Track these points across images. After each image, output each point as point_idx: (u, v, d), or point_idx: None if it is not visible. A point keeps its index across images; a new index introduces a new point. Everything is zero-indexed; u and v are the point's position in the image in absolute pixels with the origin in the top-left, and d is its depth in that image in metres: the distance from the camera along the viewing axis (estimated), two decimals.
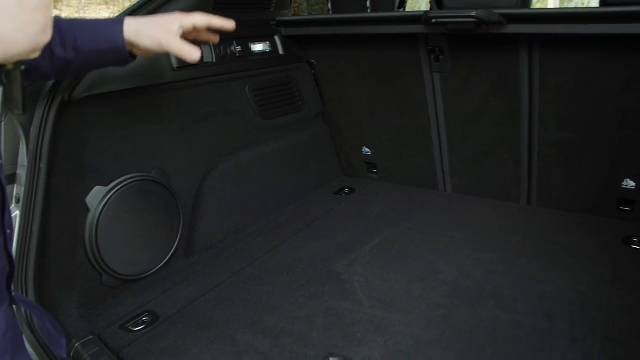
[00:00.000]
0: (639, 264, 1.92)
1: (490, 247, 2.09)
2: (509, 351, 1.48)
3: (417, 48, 2.32)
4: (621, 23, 1.80)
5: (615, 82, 1.99)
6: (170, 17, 1.34)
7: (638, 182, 2.14)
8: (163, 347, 1.58)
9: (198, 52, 1.28)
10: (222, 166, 2.20)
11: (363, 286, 1.86)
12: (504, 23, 1.94)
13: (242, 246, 2.19)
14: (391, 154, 2.77)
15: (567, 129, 2.19)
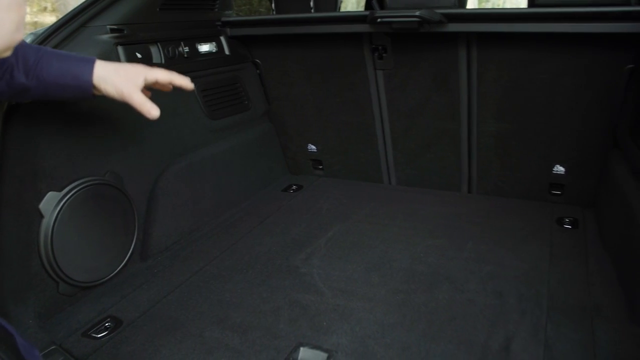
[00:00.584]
0: (571, 241, 2.10)
1: (438, 234, 2.21)
2: (466, 327, 1.59)
3: (361, 46, 2.41)
4: (548, 22, 1.97)
5: (545, 76, 2.17)
6: (136, 69, 1.40)
7: (567, 168, 2.34)
8: (131, 350, 1.57)
9: (157, 111, 1.38)
10: (174, 167, 2.19)
11: (322, 278, 1.92)
12: (445, 22, 2.06)
13: (197, 246, 2.19)
14: (336, 150, 2.85)
15: (502, 121, 2.36)
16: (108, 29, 1.91)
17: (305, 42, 2.53)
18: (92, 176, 1.83)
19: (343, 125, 2.73)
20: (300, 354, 1.52)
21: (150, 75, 1.41)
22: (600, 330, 1.54)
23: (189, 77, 2.22)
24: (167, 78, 1.46)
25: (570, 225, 2.23)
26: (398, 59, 2.38)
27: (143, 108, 1.36)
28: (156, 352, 1.55)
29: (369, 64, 2.46)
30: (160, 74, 1.43)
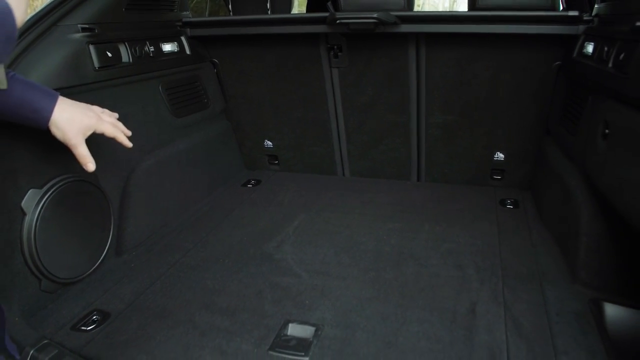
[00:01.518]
0: (513, 218, 2.36)
1: (396, 219, 2.40)
2: (435, 297, 1.78)
3: (317, 46, 2.56)
4: (486, 24, 2.22)
5: (486, 72, 2.41)
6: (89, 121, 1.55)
7: (506, 155, 2.61)
8: (124, 339, 1.62)
9: (93, 166, 1.55)
10: (144, 164, 2.24)
11: (297, 262, 2.05)
12: (399, 23, 2.25)
13: (169, 241, 2.25)
14: (292, 145, 2.98)
15: (448, 113, 2.59)
16: (79, 27, 1.94)
17: (261, 42, 2.64)
18: (69, 173, 1.85)
19: (298, 121, 2.87)
20: (290, 330, 1.64)
21: (99, 129, 1.58)
22: (548, 291, 1.78)
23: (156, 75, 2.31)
24: (112, 134, 1.64)
25: (512, 206, 2.49)
26: (352, 58, 2.55)
27: (82, 160, 1.52)
28: (150, 338, 1.62)
29: (324, 63, 2.61)
30: (108, 130, 1.62)
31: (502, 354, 1.49)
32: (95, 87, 1.99)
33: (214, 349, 1.55)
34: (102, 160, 2.02)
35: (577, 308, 1.69)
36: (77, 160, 1.49)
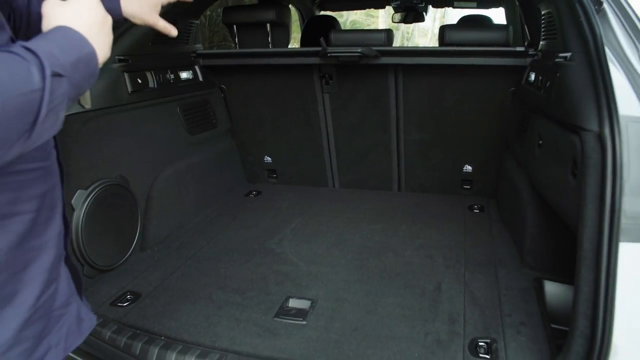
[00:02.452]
0: (479, 220, 2.78)
1: (378, 221, 2.81)
2: (408, 278, 2.18)
3: (311, 75, 3.00)
4: (453, 57, 2.66)
5: (454, 96, 2.86)
6: None
7: (473, 167, 3.04)
8: (156, 312, 2.00)
9: (175, 31, 1.40)
10: (165, 173, 2.63)
11: (295, 254, 2.44)
12: (379, 56, 2.69)
13: (186, 239, 2.64)
14: (289, 161, 3.40)
15: (423, 132, 3.02)
16: (116, 58, 2.35)
17: (263, 71, 3.07)
18: (107, 178, 2.25)
19: (295, 140, 3.29)
20: (291, 303, 2.03)
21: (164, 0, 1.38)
22: (501, 273, 2.19)
23: (175, 99, 2.72)
24: None
25: (478, 210, 2.91)
26: (341, 85, 2.99)
27: (165, 31, 1.38)
28: (176, 311, 2.00)
29: (317, 89, 3.04)
30: None
31: (460, 317, 1.88)
32: (128, 108, 2.40)
33: (230, 317, 1.93)
34: (132, 168, 2.43)
35: (523, 285, 2.09)
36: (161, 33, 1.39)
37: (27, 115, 0.72)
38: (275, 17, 2.91)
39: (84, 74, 0.84)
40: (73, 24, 0.86)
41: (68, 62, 0.79)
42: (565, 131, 1.71)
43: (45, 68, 0.74)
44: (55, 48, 0.78)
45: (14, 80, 0.69)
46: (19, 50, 0.73)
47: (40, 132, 0.75)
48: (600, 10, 1.65)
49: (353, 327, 1.84)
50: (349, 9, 6.07)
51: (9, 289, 0.89)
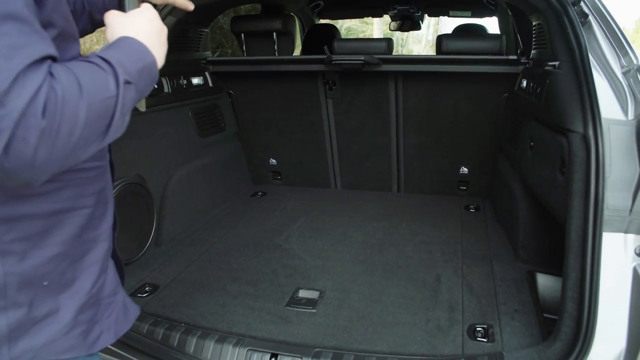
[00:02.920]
0: (475, 219, 2.94)
1: (380, 219, 2.96)
2: (409, 271, 2.33)
3: (316, 81, 3.15)
4: (450, 65, 2.83)
5: (450, 102, 3.02)
6: None
7: (469, 169, 3.20)
8: (175, 302, 2.13)
9: (192, 5, 1.37)
10: (178, 173, 2.78)
11: (302, 250, 2.58)
12: (380, 64, 2.85)
13: (198, 235, 2.78)
14: (293, 163, 3.55)
15: (421, 135, 3.18)
16: None
17: (269, 78, 3.23)
18: (126, 176, 2.39)
19: (299, 143, 3.44)
20: (301, 293, 2.18)
21: None
22: (496, 266, 2.34)
23: (187, 103, 2.86)
24: None
25: (474, 210, 3.07)
26: (344, 91, 3.15)
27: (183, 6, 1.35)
28: (193, 301, 2.14)
29: (321, 94, 3.20)
30: None
31: (458, 305, 2.03)
32: (146, 112, 2.53)
33: (245, 306, 2.08)
34: (148, 168, 2.57)
35: (516, 277, 2.25)
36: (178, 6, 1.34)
37: (105, 118, 0.80)
38: (281, 26, 3.06)
39: (147, 81, 0.93)
40: (136, 34, 0.95)
41: (135, 70, 0.87)
42: (554, 133, 1.88)
43: (119, 77, 0.82)
44: (124, 58, 0.87)
45: (97, 88, 0.79)
46: (97, 60, 0.83)
47: (112, 134, 0.84)
48: (585, 22, 1.81)
49: (360, 314, 1.99)
50: (347, 17, 6.24)
51: (69, 276, 0.99)
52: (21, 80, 0.69)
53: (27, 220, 0.90)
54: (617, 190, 1.55)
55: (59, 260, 0.96)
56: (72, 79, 0.75)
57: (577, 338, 1.57)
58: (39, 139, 0.70)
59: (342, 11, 4.81)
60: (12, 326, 0.91)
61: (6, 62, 0.69)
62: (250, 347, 1.76)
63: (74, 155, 0.78)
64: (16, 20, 0.72)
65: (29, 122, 0.69)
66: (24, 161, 0.71)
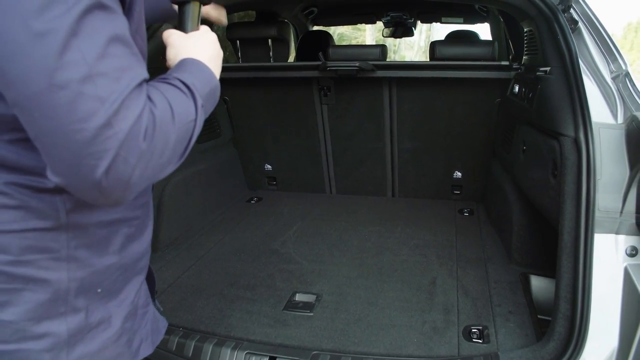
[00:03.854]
0: (468, 222, 2.97)
1: (375, 224, 2.99)
2: (405, 275, 2.35)
3: (311, 87, 3.18)
4: (443, 70, 2.86)
5: (444, 107, 3.06)
6: None
7: (463, 173, 3.24)
8: (172, 307, 2.14)
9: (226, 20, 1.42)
10: (175, 179, 2.80)
11: (298, 254, 2.61)
12: (375, 70, 2.89)
13: (194, 240, 2.80)
14: (288, 168, 3.58)
15: (415, 140, 3.22)
16: None
17: (265, 84, 3.25)
18: None
19: (294, 148, 3.47)
20: (298, 297, 2.19)
21: None
22: (490, 268, 2.37)
23: None
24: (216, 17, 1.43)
25: (468, 214, 3.11)
26: (339, 97, 3.18)
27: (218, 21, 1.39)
28: (192, 305, 2.15)
29: (316, 100, 3.23)
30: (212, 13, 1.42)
31: (454, 308, 2.06)
32: None
33: (242, 310, 2.09)
34: None
35: (510, 279, 2.28)
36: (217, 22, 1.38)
37: (185, 141, 0.83)
38: (276, 33, 3.09)
39: (212, 104, 0.96)
40: (200, 56, 0.96)
41: (205, 93, 0.90)
42: (546, 137, 1.91)
43: (197, 101, 0.85)
44: (196, 81, 0.89)
45: (183, 112, 0.82)
46: (178, 84, 0.85)
47: (186, 155, 0.85)
48: (575, 29, 1.86)
49: (356, 317, 2.01)
50: (340, 24, 6.30)
51: (119, 285, 1.01)
52: (128, 102, 0.71)
53: (92, 228, 0.92)
54: (608, 192, 1.59)
55: (113, 268, 0.99)
56: (165, 104, 0.78)
57: (570, 338, 1.61)
58: (137, 160, 0.73)
59: (335, 18, 4.85)
60: (71, 331, 0.93)
61: (116, 84, 0.71)
62: (248, 350, 1.78)
63: (157, 175, 0.81)
64: (122, 42, 0.73)
65: (131, 144, 0.71)
66: (121, 181, 0.73)
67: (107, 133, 0.69)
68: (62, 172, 0.73)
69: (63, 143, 0.69)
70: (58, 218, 0.87)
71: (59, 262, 0.89)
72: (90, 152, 0.69)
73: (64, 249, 0.89)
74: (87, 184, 0.72)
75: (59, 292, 0.90)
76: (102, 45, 0.70)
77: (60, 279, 0.90)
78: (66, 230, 0.89)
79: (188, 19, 1.10)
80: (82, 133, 0.68)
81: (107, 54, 0.70)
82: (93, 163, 0.70)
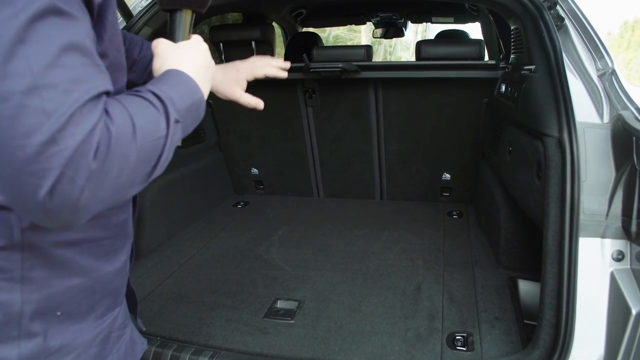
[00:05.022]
0: (457, 225, 2.92)
1: (362, 227, 2.93)
2: (390, 280, 2.30)
3: (295, 89, 3.13)
4: (429, 71, 2.81)
5: (431, 108, 3.01)
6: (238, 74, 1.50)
7: (451, 175, 3.18)
8: (151, 315, 2.08)
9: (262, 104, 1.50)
10: (156, 185, 2.74)
11: (282, 260, 2.55)
12: (359, 71, 2.83)
13: (178, 247, 2.74)
14: (275, 172, 3.52)
15: (403, 142, 3.16)
16: None
17: (249, 86, 3.18)
18: None
19: (280, 152, 3.41)
20: (279, 304, 2.14)
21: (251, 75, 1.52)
22: (477, 273, 2.32)
23: None
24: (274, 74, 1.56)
25: (457, 216, 3.05)
26: (324, 99, 3.13)
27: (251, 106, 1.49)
28: (171, 314, 2.09)
29: (301, 103, 3.17)
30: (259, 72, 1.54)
31: (438, 314, 2.00)
32: None
33: (222, 318, 2.03)
34: None
35: (498, 283, 2.22)
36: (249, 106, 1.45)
37: (152, 159, 0.76)
38: (260, 35, 3.04)
39: (193, 119, 0.88)
40: (185, 67, 0.90)
41: (184, 107, 0.83)
42: (530, 137, 1.86)
43: (170, 116, 0.78)
44: (174, 94, 0.82)
45: (149, 128, 0.74)
46: (149, 97, 0.78)
47: (155, 174, 0.79)
48: (562, 26, 1.80)
49: (338, 324, 1.96)
50: (330, 25, 6.24)
51: (83, 308, 0.94)
52: (77, 117, 0.64)
53: (50, 248, 0.85)
54: (593, 194, 1.53)
55: (76, 290, 0.92)
56: (126, 119, 0.71)
57: (555, 345, 1.55)
58: (86, 181, 0.66)
59: (325, 19, 4.80)
60: (23, 357, 0.86)
61: (65, 96, 0.64)
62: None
63: (116, 197, 0.73)
64: (79, 51, 0.68)
65: (79, 163, 0.65)
66: (68, 202, 0.66)
67: (52, 150, 0.63)
68: (4, 190, 0.66)
69: (4, 159, 0.63)
70: (11, 236, 0.81)
71: (11, 282, 0.83)
72: (33, 171, 0.63)
73: (17, 269, 0.83)
74: (30, 204, 0.66)
75: (10, 314, 0.84)
76: (54, 54, 0.64)
77: (13, 300, 0.83)
78: (21, 250, 0.82)
79: (178, 28, 1.03)
80: (24, 150, 0.62)
81: (58, 64, 0.64)
82: (35, 182, 0.63)
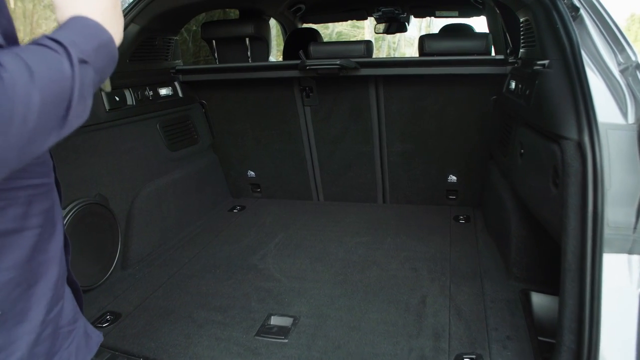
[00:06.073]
0: (464, 231, 2.75)
1: (363, 234, 2.77)
2: (393, 292, 2.14)
3: (292, 88, 2.97)
4: (433, 67, 2.64)
5: (435, 106, 2.84)
6: None
7: (458, 177, 3.02)
8: (135, 333, 1.94)
9: None
10: (145, 190, 2.59)
11: (278, 270, 2.39)
12: (358, 68, 2.67)
13: (168, 256, 2.59)
14: (272, 174, 3.36)
15: (406, 142, 3.00)
16: None
17: (243, 85, 3.04)
18: (85, 197, 2.20)
19: (278, 153, 3.26)
20: (272, 320, 1.98)
21: None
22: (487, 285, 2.15)
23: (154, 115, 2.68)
24: None
25: (464, 221, 2.88)
26: (322, 97, 2.96)
27: None
28: (156, 331, 1.95)
29: (298, 102, 3.01)
30: None
31: (445, 332, 1.84)
32: (106, 126, 2.35)
33: (211, 336, 1.88)
34: (111, 186, 2.38)
35: (509, 297, 2.06)
36: None
37: (62, 102, 0.76)
38: (253, 31, 2.88)
39: (106, 60, 0.88)
40: (87, 12, 0.89)
41: (90, 49, 0.83)
42: (545, 140, 1.69)
43: (72, 57, 0.77)
44: (76, 37, 0.82)
45: (49, 70, 0.74)
46: (47, 42, 0.77)
47: (72, 120, 0.79)
48: (577, 16, 1.64)
49: (336, 344, 1.80)
50: (330, 21, 6.07)
51: (21, 305, 0.90)
52: None
53: None
54: (619, 204, 1.36)
55: (10, 287, 0.88)
56: (20, 64, 0.71)
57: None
58: None
59: (324, 15, 4.63)
60: None
61: None
62: None
63: (33, 145, 0.73)
64: None
65: None
66: None
67: None
68: None
69: None
70: None
71: None
72: None
73: None
74: None
75: None
76: None
77: None
78: None
79: None
80: None
81: None
82: None
